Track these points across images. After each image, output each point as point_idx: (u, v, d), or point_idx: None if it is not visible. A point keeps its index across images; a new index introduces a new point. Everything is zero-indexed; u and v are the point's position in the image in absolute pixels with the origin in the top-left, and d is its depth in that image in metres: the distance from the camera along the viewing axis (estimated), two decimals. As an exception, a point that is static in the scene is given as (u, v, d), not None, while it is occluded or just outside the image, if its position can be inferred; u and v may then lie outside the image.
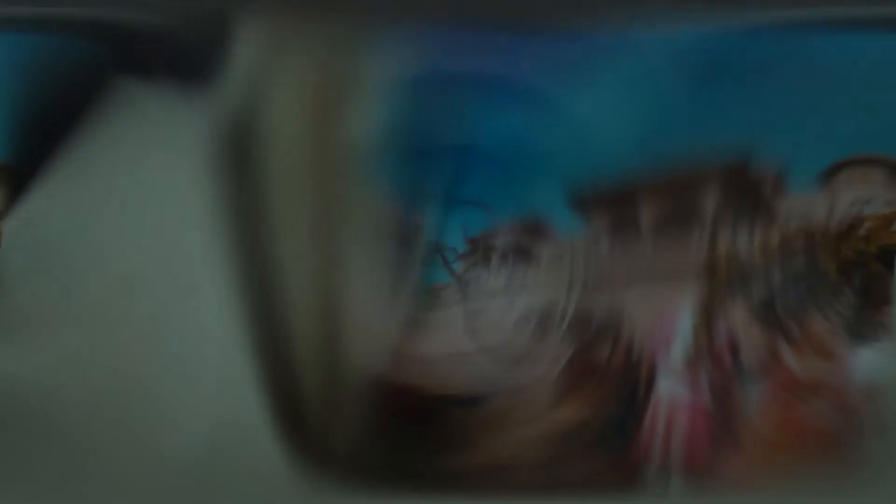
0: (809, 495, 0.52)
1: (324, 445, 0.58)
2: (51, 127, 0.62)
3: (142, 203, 0.61)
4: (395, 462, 0.59)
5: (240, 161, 0.59)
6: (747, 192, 0.58)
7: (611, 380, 0.57)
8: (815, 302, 0.54)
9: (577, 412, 0.57)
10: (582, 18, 0.65)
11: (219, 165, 0.59)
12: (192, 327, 0.58)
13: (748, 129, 0.59)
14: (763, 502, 0.50)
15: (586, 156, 0.63)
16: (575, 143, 0.64)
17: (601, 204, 0.62)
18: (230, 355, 0.58)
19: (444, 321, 0.62)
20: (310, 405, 0.58)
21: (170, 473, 0.56)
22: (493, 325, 0.61)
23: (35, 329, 0.59)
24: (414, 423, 0.59)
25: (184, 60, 0.61)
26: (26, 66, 0.63)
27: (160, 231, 0.60)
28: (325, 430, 0.58)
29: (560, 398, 0.58)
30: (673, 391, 0.55)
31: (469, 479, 0.58)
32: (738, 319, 0.56)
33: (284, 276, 0.59)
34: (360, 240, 0.60)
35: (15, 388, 0.58)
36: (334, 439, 0.58)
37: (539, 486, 0.56)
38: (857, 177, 0.56)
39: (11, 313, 0.59)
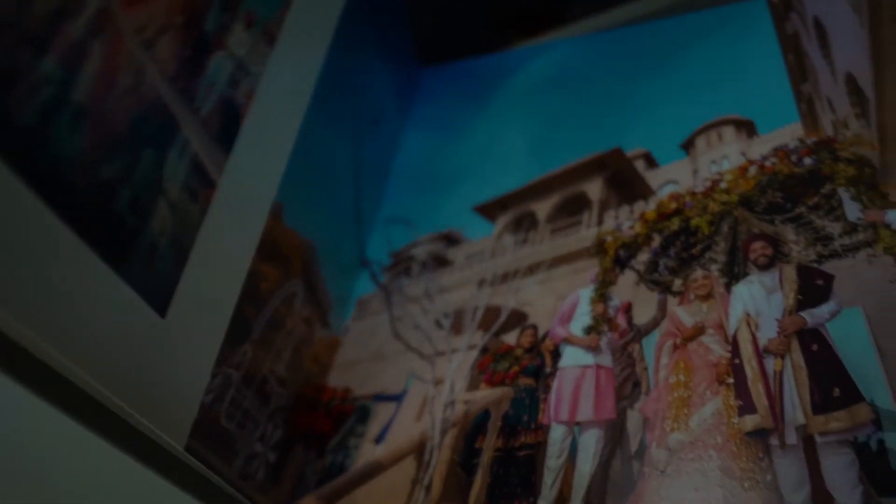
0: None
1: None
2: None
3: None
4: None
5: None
6: (624, 174, 0.64)
7: (521, 360, 0.60)
8: (692, 256, 0.58)
9: (490, 394, 0.60)
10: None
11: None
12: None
13: (619, 119, 0.65)
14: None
15: (489, 167, 0.70)
16: (478, 157, 0.71)
17: (503, 206, 0.68)
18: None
19: (372, 327, 0.67)
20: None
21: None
22: (416, 328, 0.66)
23: None
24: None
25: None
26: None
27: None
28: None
29: (475, 384, 0.62)
30: (578, 359, 0.58)
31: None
32: (629, 286, 0.60)
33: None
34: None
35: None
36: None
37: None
38: (713, 139, 0.61)
39: None
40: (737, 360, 0.51)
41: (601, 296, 0.57)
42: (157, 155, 0.52)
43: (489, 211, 0.65)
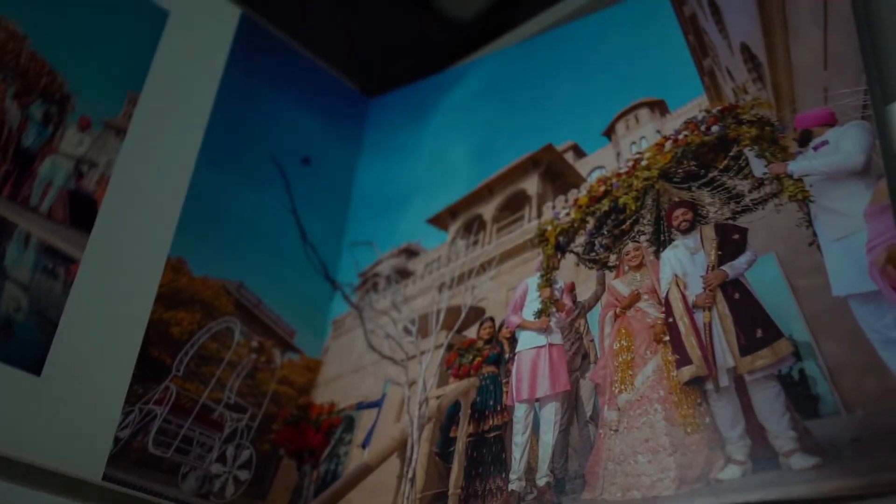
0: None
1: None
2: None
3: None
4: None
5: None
6: (557, 167, 0.69)
7: (483, 351, 0.65)
8: (623, 232, 0.63)
9: (458, 386, 0.64)
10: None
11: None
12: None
13: (547, 118, 0.71)
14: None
15: (437, 181, 0.75)
16: (427, 174, 0.76)
17: (453, 214, 0.73)
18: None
19: (349, 343, 0.72)
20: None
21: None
22: (387, 337, 0.71)
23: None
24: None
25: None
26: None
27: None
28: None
29: (445, 379, 0.66)
30: (532, 342, 0.63)
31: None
32: (570, 268, 0.64)
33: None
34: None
35: None
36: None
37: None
38: (631, 123, 0.66)
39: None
40: (670, 319, 0.55)
41: (547, 281, 0.62)
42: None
43: (441, 221, 0.70)
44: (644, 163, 0.62)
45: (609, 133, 0.65)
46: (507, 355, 0.62)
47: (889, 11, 0.59)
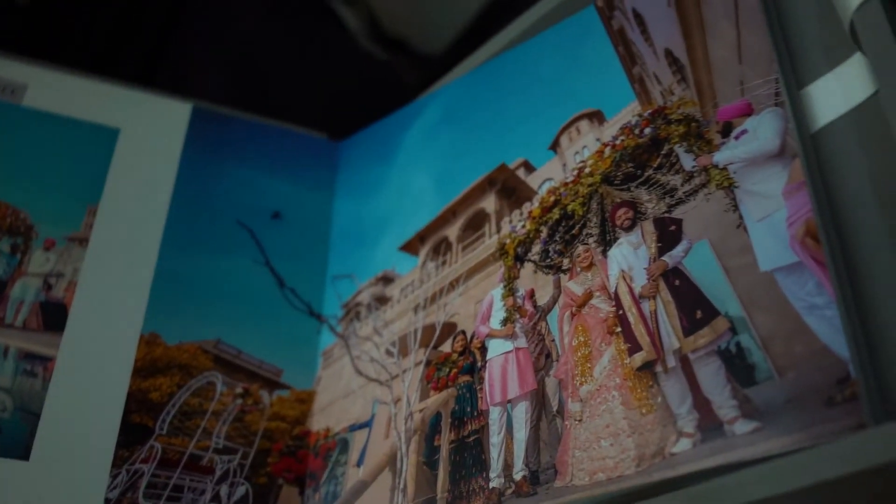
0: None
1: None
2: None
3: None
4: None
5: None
6: (511, 184, 0.73)
7: (457, 363, 0.70)
8: (573, 236, 0.67)
9: (438, 398, 0.69)
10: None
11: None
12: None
13: (499, 139, 0.76)
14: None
15: (406, 210, 0.80)
16: (396, 205, 0.81)
17: (422, 240, 0.78)
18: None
19: (338, 371, 0.77)
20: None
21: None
22: (372, 361, 0.75)
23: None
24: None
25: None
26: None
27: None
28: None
29: (426, 393, 0.71)
30: (500, 348, 0.67)
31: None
32: (529, 276, 0.69)
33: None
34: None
35: None
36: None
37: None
38: (573, 135, 0.71)
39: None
40: (620, 311, 0.59)
41: (509, 290, 0.66)
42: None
43: (412, 247, 0.75)
44: (587, 170, 0.66)
45: (554, 147, 0.70)
46: (479, 364, 0.67)
47: (798, 5, 0.63)
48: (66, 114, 0.82)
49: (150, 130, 0.84)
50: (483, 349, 0.68)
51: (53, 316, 0.75)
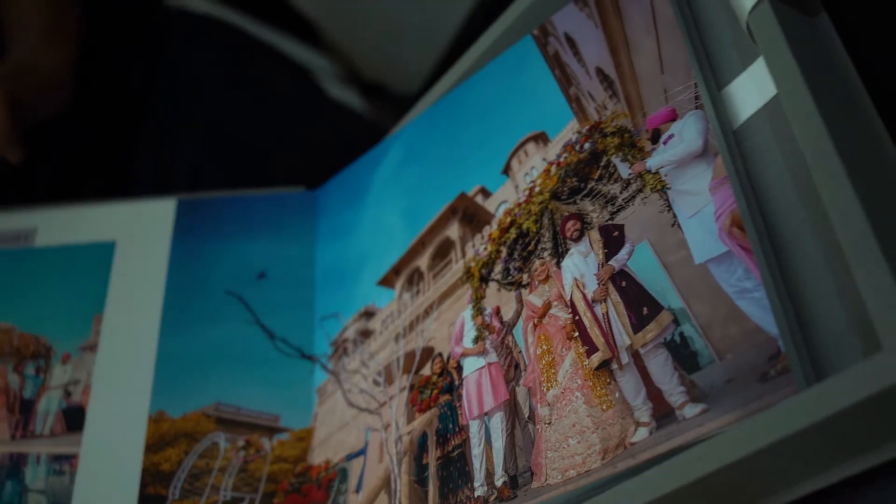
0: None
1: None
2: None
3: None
4: None
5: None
6: (471, 211, 0.78)
7: (437, 384, 0.74)
8: (530, 252, 0.71)
9: (423, 419, 0.73)
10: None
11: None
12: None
13: (458, 170, 0.80)
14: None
15: (381, 247, 0.85)
16: (372, 244, 0.86)
17: (396, 273, 0.83)
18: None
19: (332, 405, 0.81)
20: None
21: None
22: (361, 392, 0.80)
23: None
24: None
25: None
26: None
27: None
28: None
29: (412, 416, 0.75)
30: (474, 365, 0.71)
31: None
32: (494, 294, 0.73)
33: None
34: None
35: None
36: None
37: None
38: (522, 157, 0.75)
39: None
40: (577, 317, 0.63)
41: (478, 310, 0.70)
42: (13, 486, 0.79)
43: (388, 280, 0.80)
44: (537, 189, 0.71)
45: (507, 170, 0.74)
46: (456, 382, 0.71)
47: (711, 12, 0.67)
48: (71, 242, 0.93)
49: (141, 234, 0.93)
50: (459, 368, 0.72)
51: (74, 419, 0.83)
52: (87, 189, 1.04)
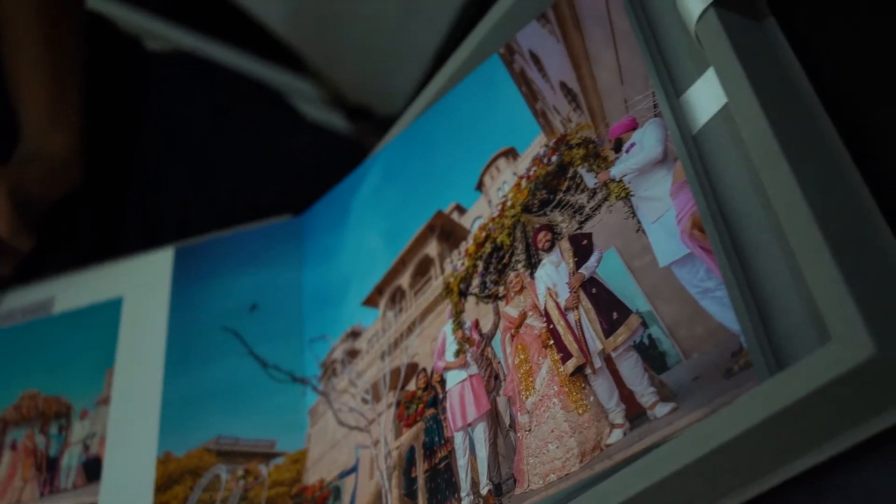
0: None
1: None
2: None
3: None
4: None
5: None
6: (448, 228, 0.80)
7: (423, 398, 0.75)
8: (505, 265, 0.73)
9: (410, 434, 0.75)
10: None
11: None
12: None
13: (434, 189, 0.83)
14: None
15: (363, 269, 0.87)
16: (355, 265, 0.88)
17: (380, 292, 0.85)
18: None
19: (324, 425, 0.83)
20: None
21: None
22: (351, 410, 0.82)
23: None
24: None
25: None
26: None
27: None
28: None
29: (399, 431, 0.76)
30: (457, 378, 0.73)
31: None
32: (473, 308, 0.75)
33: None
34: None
35: None
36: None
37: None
38: (493, 173, 0.77)
39: None
40: (551, 326, 0.65)
41: (458, 324, 0.72)
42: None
43: (372, 300, 0.82)
44: (509, 203, 0.73)
45: (480, 186, 0.76)
46: (441, 396, 0.72)
47: (666, 21, 0.70)
48: (86, 304, 0.99)
49: (144, 287, 0.98)
50: (442, 382, 0.74)
51: (93, 470, 0.88)
52: (95, 249, 1.08)
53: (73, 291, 1.00)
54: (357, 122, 1.66)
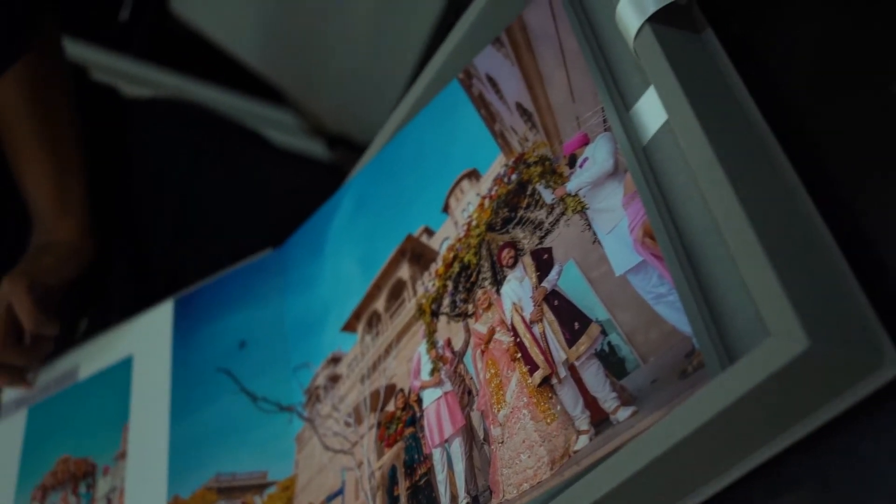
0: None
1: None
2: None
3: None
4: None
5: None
6: (418, 250, 0.82)
7: (402, 418, 0.77)
8: (472, 283, 0.76)
9: (392, 453, 0.77)
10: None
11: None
12: None
13: (404, 213, 0.85)
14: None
15: (342, 295, 0.89)
16: (333, 293, 0.90)
17: (357, 317, 0.87)
18: None
19: (311, 451, 0.85)
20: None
21: None
22: (335, 434, 0.84)
23: None
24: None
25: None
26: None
27: None
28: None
29: (381, 451, 0.78)
30: (432, 396, 0.75)
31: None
32: (445, 327, 0.77)
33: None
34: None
35: None
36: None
37: None
38: (458, 194, 0.80)
39: None
40: (518, 339, 0.67)
41: (431, 344, 0.74)
42: None
43: (350, 326, 0.84)
44: (474, 223, 0.75)
45: (446, 208, 0.79)
46: (418, 414, 0.74)
47: (613, 38, 0.72)
48: (104, 366, 1.05)
49: (149, 342, 1.03)
50: (419, 401, 0.76)
51: None
52: (93, 304, 1.12)
53: (93, 356, 1.07)
54: (338, 149, 1.69)
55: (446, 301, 0.77)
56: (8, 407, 1.08)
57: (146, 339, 1.04)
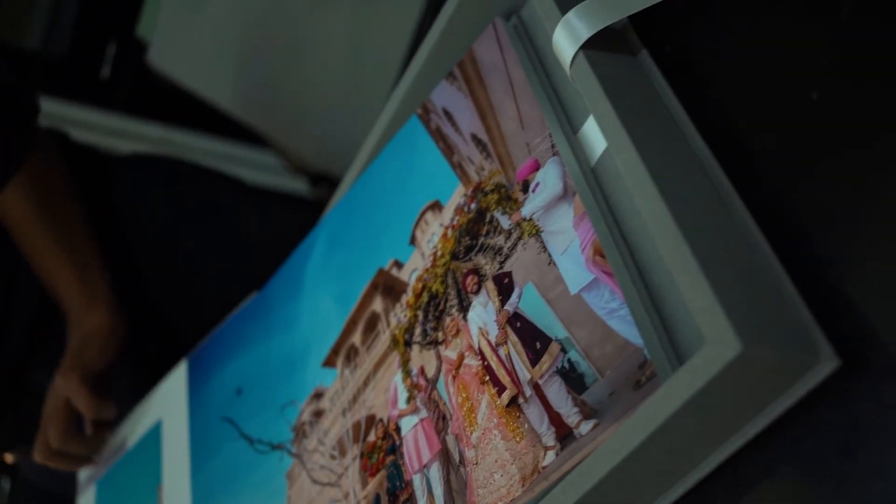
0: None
1: None
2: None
3: None
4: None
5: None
6: (389, 283, 0.85)
7: (382, 448, 0.80)
8: (441, 312, 0.78)
9: (375, 482, 0.79)
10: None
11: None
12: None
13: (374, 248, 0.88)
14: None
15: (320, 332, 0.92)
16: (312, 330, 0.93)
17: (336, 352, 0.89)
18: None
19: (300, 486, 0.87)
20: None
21: None
22: (322, 468, 0.86)
23: None
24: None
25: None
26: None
27: None
28: None
29: (365, 481, 0.80)
30: (410, 423, 0.77)
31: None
32: (418, 355, 0.80)
33: None
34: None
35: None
36: None
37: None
38: (423, 226, 0.83)
39: None
40: (485, 363, 0.70)
41: (406, 373, 0.77)
42: None
43: (330, 361, 0.86)
44: (439, 253, 0.78)
45: (413, 241, 0.81)
46: (398, 442, 0.76)
47: (558, 65, 0.75)
48: (142, 434, 1.12)
49: (172, 404, 1.10)
50: (398, 429, 0.78)
51: None
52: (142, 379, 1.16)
53: (134, 425, 1.15)
54: (321, 186, 1.73)
55: (418, 330, 0.79)
56: (83, 485, 1.16)
57: (169, 402, 1.11)
